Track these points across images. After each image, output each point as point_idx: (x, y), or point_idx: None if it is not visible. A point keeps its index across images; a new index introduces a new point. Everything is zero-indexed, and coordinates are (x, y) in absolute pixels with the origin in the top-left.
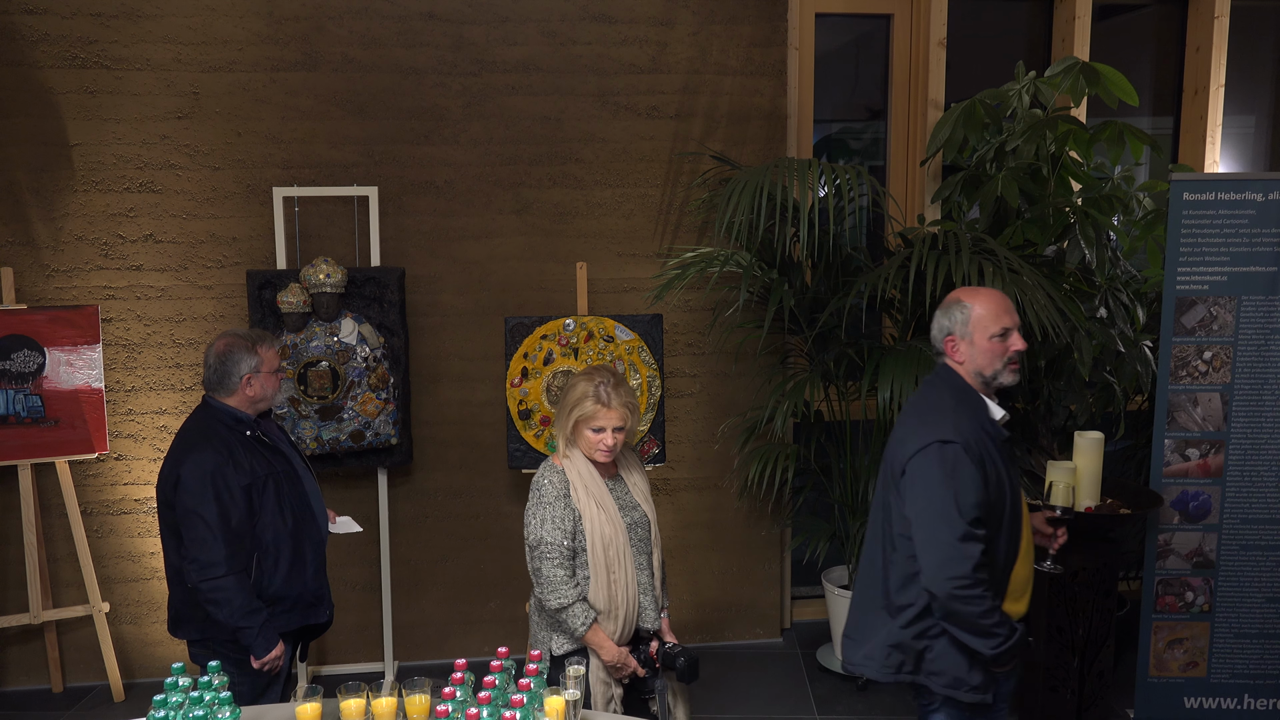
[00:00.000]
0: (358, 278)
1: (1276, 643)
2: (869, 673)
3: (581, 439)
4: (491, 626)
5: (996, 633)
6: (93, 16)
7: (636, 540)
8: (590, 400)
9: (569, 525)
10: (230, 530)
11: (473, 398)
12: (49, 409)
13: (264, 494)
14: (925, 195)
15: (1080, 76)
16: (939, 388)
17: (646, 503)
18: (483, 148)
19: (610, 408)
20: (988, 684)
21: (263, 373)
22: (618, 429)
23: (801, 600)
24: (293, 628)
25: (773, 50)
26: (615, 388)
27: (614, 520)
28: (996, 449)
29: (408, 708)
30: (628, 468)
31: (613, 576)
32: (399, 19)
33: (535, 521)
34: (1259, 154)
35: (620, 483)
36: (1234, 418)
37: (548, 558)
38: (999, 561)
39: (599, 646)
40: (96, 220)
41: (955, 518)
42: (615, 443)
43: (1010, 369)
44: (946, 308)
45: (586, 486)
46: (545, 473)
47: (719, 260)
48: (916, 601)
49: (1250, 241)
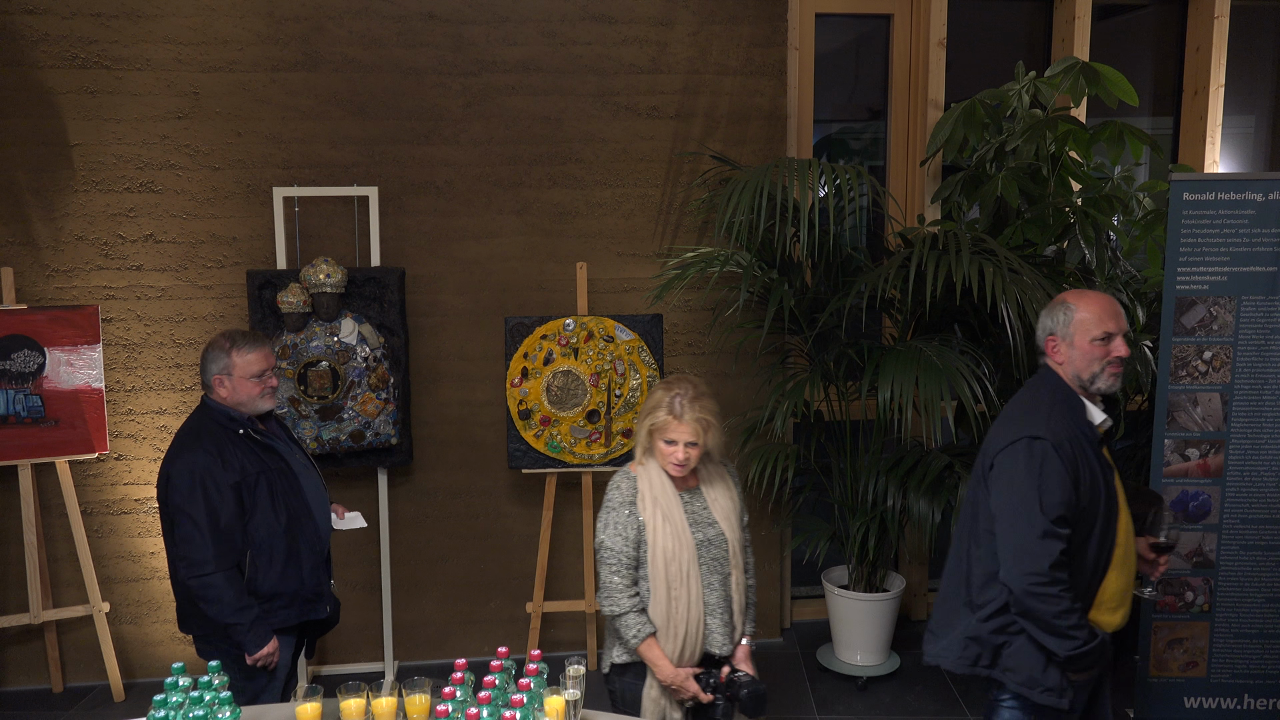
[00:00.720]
0: (358, 278)
1: (1276, 643)
2: (944, 664)
3: (655, 449)
4: (491, 626)
5: (1073, 635)
6: (93, 16)
7: (708, 559)
8: (663, 410)
9: (631, 534)
10: (219, 528)
11: (473, 398)
12: (49, 409)
13: (256, 491)
14: (925, 195)
15: (1080, 76)
16: (1038, 387)
17: (726, 521)
18: (483, 148)
19: (682, 421)
20: (1063, 688)
21: (235, 376)
22: (690, 444)
23: (801, 600)
24: (291, 624)
25: (773, 50)
26: (692, 401)
27: (680, 535)
28: (1094, 453)
29: (408, 708)
30: (710, 482)
31: (673, 593)
32: (399, 19)
33: (600, 525)
34: (1259, 154)
35: (698, 497)
36: (1234, 418)
37: (606, 563)
38: (1087, 566)
39: (654, 663)
40: (96, 220)
41: (1037, 514)
42: (687, 457)
43: (1110, 374)
44: (1052, 308)
45: (655, 497)
46: (618, 477)
47: (719, 260)
48: (997, 598)
49: (1250, 241)
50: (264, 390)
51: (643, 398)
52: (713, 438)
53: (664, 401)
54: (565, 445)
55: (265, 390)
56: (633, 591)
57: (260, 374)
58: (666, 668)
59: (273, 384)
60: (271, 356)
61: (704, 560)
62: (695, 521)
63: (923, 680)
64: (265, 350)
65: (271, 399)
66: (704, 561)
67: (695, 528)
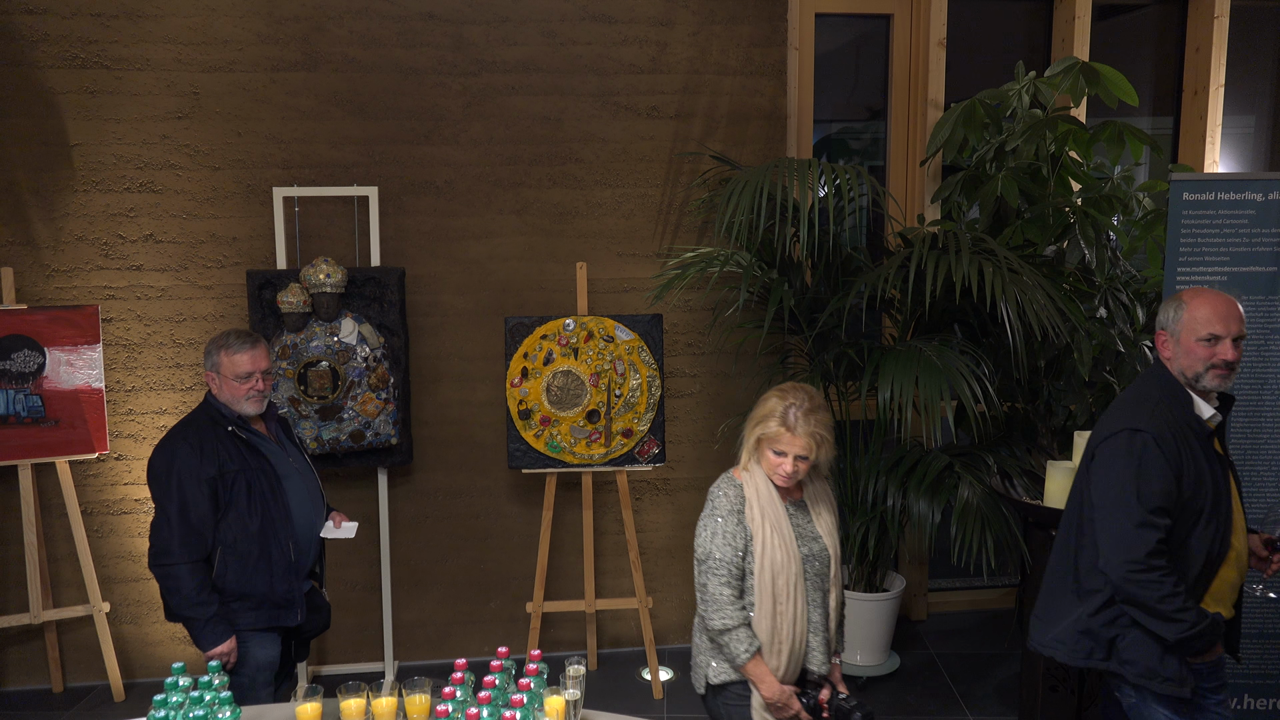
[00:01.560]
0: (358, 278)
1: (1276, 643)
2: (1059, 656)
3: (763, 457)
4: (491, 626)
5: (1180, 619)
6: (93, 16)
7: (812, 574)
8: (775, 421)
9: (740, 543)
10: (188, 521)
11: (473, 398)
12: (49, 409)
13: (233, 490)
14: (925, 195)
15: (1080, 76)
16: (1147, 380)
17: (829, 537)
18: (483, 148)
19: (795, 434)
20: (1183, 676)
21: (222, 375)
22: (800, 457)
23: None
24: (260, 626)
25: (773, 50)
26: (807, 414)
27: (788, 547)
28: (1201, 447)
29: (408, 708)
30: (815, 497)
31: (779, 608)
32: (399, 19)
33: (706, 534)
34: (1259, 154)
35: (803, 510)
36: (1234, 418)
37: (715, 573)
38: (1195, 559)
39: (759, 680)
40: (96, 220)
41: (1134, 504)
42: (796, 470)
43: (1214, 374)
44: (1167, 303)
45: (763, 507)
46: (722, 484)
47: (719, 260)
48: (1105, 588)
49: (1250, 241)
50: (248, 393)
51: (643, 397)
52: (825, 453)
53: (777, 411)
54: (565, 445)
55: (250, 393)
56: (741, 605)
57: (245, 375)
58: (773, 684)
59: (259, 388)
60: (263, 360)
61: (808, 575)
62: (800, 535)
63: (922, 680)
64: (254, 353)
65: (256, 404)
66: (808, 577)
67: (801, 541)
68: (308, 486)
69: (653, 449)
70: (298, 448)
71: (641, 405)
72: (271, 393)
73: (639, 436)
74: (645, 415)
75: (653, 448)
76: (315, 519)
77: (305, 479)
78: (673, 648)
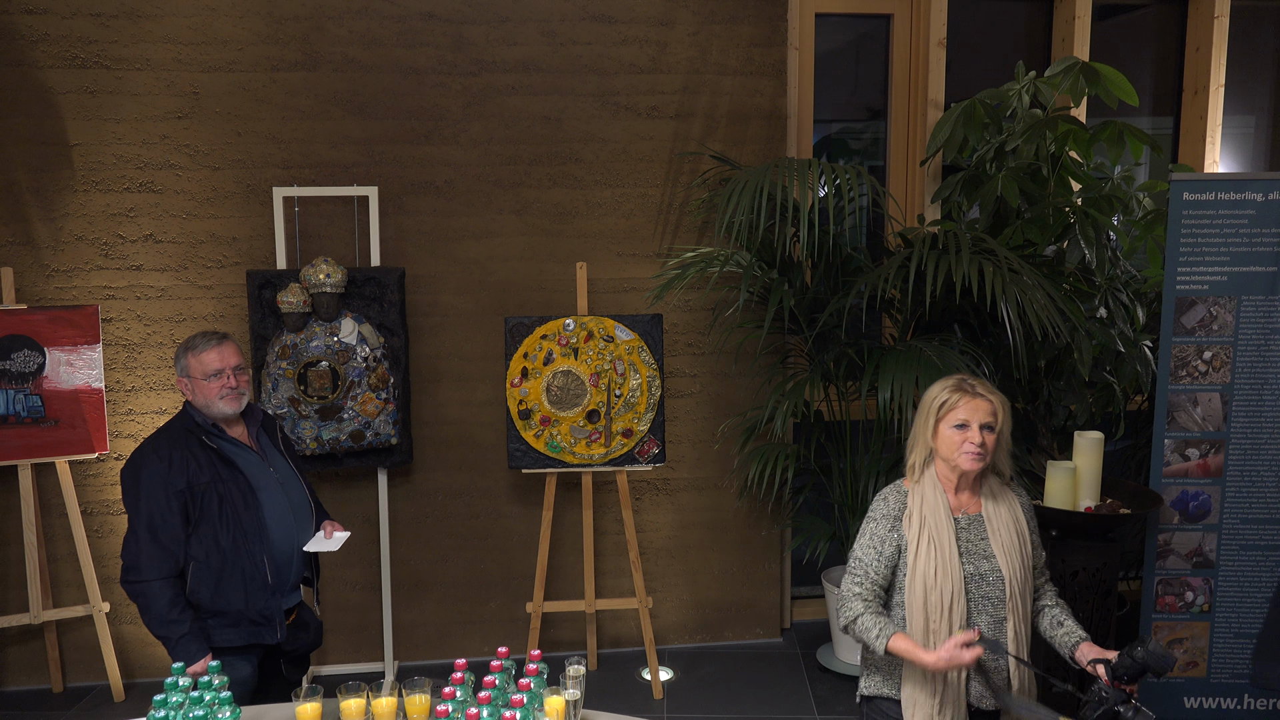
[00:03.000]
0: (358, 278)
1: None
2: None
3: (943, 442)
4: (491, 626)
5: None
6: (93, 16)
7: (977, 596)
8: (950, 389)
9: (888, 551)
10: (156, 537)
11: (473, 398)
12: (49, 409)
13: (203, 504)
14: (925, 195)
15: (1080, 76)
16: None
17: (1005, 556)
18: (483, 148)
19: (975, 395)
20: None
21: (193, 378)
22: (986, 426)
23: (801, 600)
24: (238, 644)
25: (773, 50)
26: (982, 383)
27: (947, 563)
28: None
29: (408, 708)
30: (996, 506)
31: (931, 626)
32: (399, 19)
33: (858, 539)
34: (1259, 154)
35: (976, 524)
36: (1234, 418)
37: (852, 573)
38: None
39: (911, 656)
40: (96, 220)
41: None
42: (984, 441)
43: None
44: None
45: (924, 516)
46: (888, 490)
47: (719, 260)
48: None
49: (1250, 241)
50: (221, 391)
51: (643, 397)
52: (1007, 427)
53: (949, 384)
54: (565, 445)
55: (224, 391)
56: (867, 598)
57: (215, 373)
58: (927, 654)
59: (231, 384)
60: (231, 357)
61: (972, 597)
62: (967, 551)
63: None
64: (221, 350)
65: (232, 402)
66: (972, 599)
67: (966, 558)
68: (290, 498)
69: (653, 449)
70: (285, 454)
71: (641, 405)
72: (247, 391)
73: (639, 436)
74: (645, 415)
75: (653, 448)
76: (298, 532)
77: (288, 489)
78: (673, 648)
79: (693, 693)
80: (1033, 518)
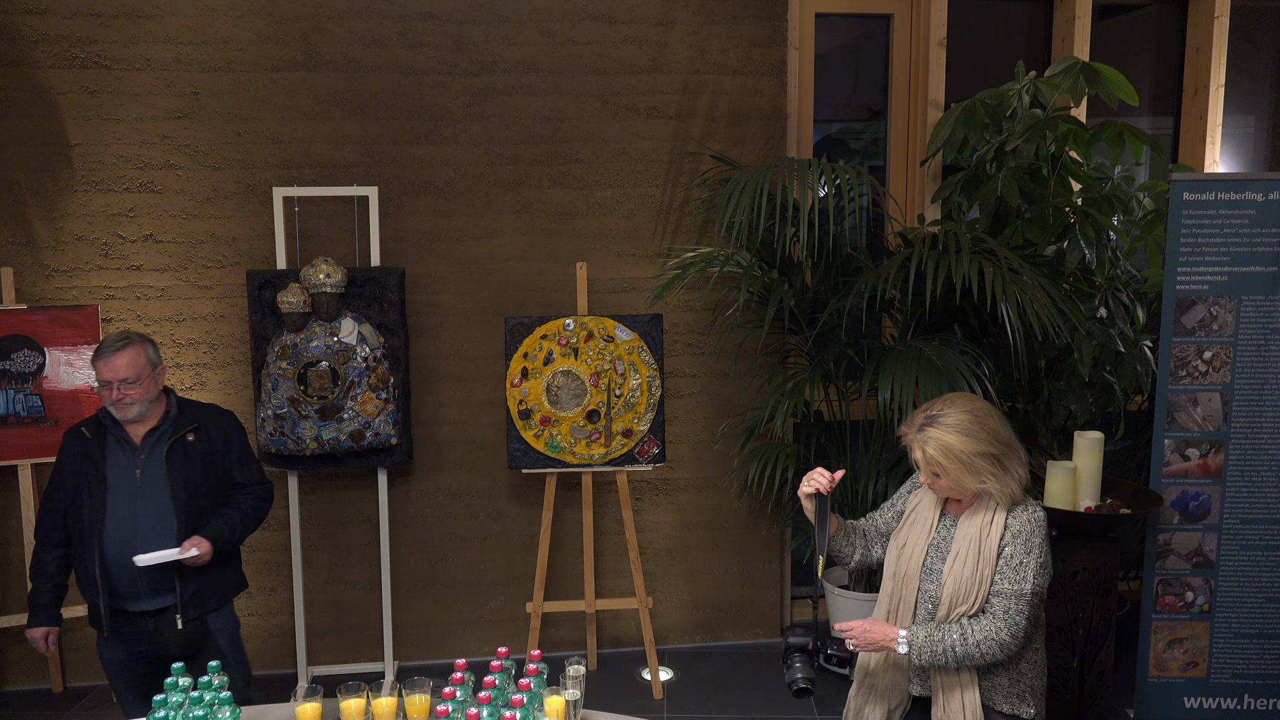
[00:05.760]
0: (358, 278)
1: (1276, 643)
2: None
3: None
4: (491, 626)
5: None
6: (93, 16)
7: (926, 588)
8: (912, 422)
9: (898, 506)
10: (45, 503)
11: (473, 398)
12: (49, 409)
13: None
14: (925, 195)
15: (1080, 76)
16: None
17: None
18: (483, 148)
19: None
20: None
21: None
22: (933, 472)
23: (801, 600)
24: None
25: (773, 50)
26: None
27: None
28: None
29: (408, 708)
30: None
31: (893, 594)
32: (399, 19)
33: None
34: (1259, 154)
35: (951, 529)
36: (1234, 418)
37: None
38: None
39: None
40: (96, 220)
41: None
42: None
43: None
44: None
45: (920, 503)
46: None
47: (719, 260)
48: None
49: (1250, 241)
50: (108, 401)
51: (643, 397)
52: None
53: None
54: (565, 445)
55: (109, 402)
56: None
57: (104, 384)
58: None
59: (115, 398)
60: (122, 369)
61: (922, 587)
62: (935, 547)
63: None
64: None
65: (120, 410)
66: (922, 589)
67: (933, 552)
68: (139, 509)
69: (653, 449)
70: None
71: (641, 405)
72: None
73: (639, 436)
74: (645, 415)
75: (653, 448)
76: (137, 545)
77: (143, 500)
78: (673, 648)
79: (693, 693)
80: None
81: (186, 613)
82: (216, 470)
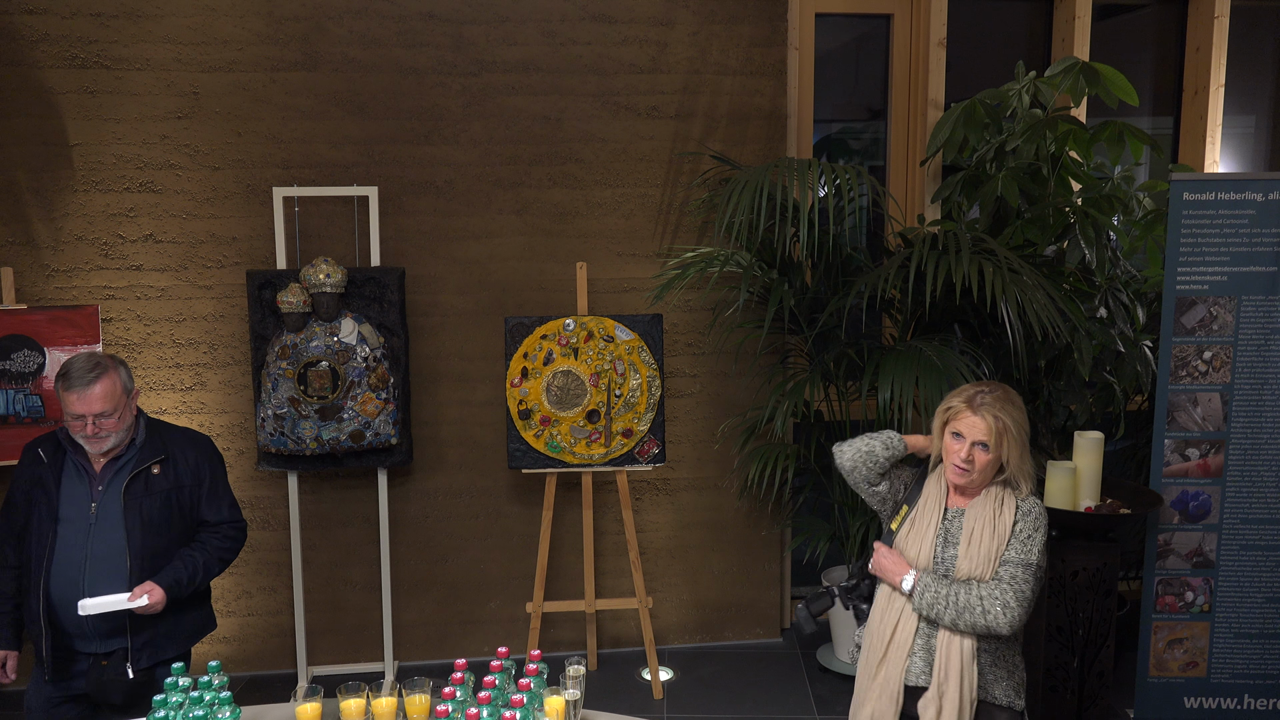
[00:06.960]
0: (358, 278)
1: (1276, 643)
2: None
3: (944, 446)
4: (491, 626)
5: None
6: (93, 16)
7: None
8: (961, 398)
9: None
10: (4, 517)
11: (473, 398)
12: (49, 409)
13: (29, 510)
14: (925, 195)
15: (1080, 76)
16: None
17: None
18: (483, 148)
19: (976, 411)
20: None
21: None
22: (980, 444)
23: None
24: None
25: (773, 50)
26: (997, 400)
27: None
28: None
29: (408, 708)
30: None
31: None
32: (399, 19)
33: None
34: (1259, 154)
35: (959, 519)
36: (1234, 418)
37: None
38: None
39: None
40: (96, 220)
41: None
42: (972, 458)
43: None
44: None
45: (929, 490)
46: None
47: (719, 260)
48: None
49: (1250, 241)
50: (79, 434)
51: (643, 397)
52: (1009, 450)
53: (963, 393)
54: (565, 445)
55: (82, 436)
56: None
57: (76, 417)
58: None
59: (88, 433)
60: (97, 402)
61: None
62: (942, 536)
63: None
64: (84, 395)
65: (93, 444)
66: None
67: (940, 541)
68: (92, 545)
69: (653, 449)
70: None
71: (641, 405)
72: (116, 434)
73: (639, 436)
74: (645, 415)
75: (653, 448)
76: (84, 584)
77: (97, 537)
78: (673, 648)
79: (693, 693)
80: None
81: (138, 661)
82: (181, 508)
